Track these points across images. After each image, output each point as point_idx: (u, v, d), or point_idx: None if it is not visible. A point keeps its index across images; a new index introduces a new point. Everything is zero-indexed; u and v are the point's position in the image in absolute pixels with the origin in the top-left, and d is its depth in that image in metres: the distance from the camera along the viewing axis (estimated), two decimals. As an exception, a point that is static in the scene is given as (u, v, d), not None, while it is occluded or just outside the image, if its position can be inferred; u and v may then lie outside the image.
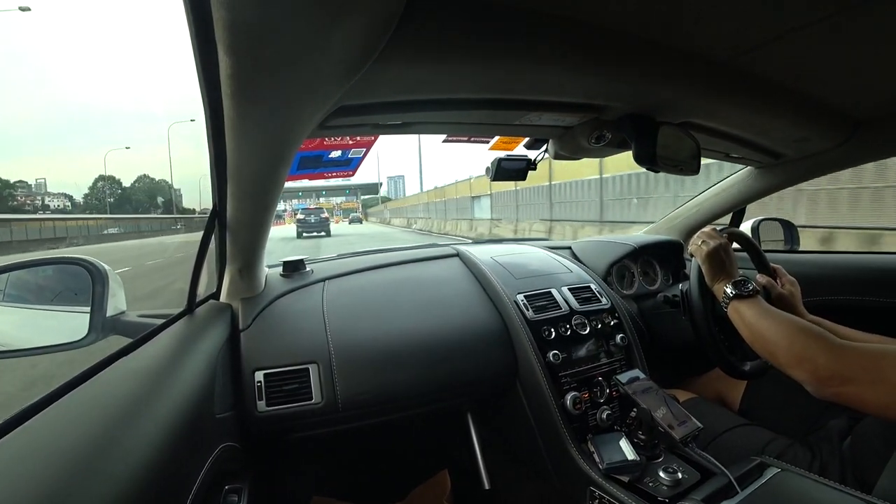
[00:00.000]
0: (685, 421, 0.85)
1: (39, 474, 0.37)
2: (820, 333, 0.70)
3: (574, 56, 0.61)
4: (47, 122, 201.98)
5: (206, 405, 0.69)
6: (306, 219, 19.53)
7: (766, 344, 0.76)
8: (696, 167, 0.91)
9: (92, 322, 0.81)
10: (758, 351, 0.78)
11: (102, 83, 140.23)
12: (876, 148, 1.08)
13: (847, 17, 0.56)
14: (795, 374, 0.70)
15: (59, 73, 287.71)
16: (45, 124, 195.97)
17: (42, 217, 37.98)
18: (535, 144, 1.03)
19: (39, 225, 22.52)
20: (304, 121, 0.59)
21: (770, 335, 0.75)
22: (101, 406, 0.49)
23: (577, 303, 1.13)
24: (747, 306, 0.81)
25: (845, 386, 0.65)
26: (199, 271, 0.83)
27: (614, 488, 0.84)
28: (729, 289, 0.84)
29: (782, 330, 0.74)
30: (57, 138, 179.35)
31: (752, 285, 0.84)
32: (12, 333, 0.94)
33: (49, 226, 22.47)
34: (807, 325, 0.73)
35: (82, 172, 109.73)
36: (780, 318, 0.77)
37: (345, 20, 0.40)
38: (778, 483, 0.72)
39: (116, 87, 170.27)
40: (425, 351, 0.99)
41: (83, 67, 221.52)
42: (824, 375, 0.67)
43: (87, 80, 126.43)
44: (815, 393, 0.69)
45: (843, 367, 0.66)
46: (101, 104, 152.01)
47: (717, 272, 0.88)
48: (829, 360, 0.67)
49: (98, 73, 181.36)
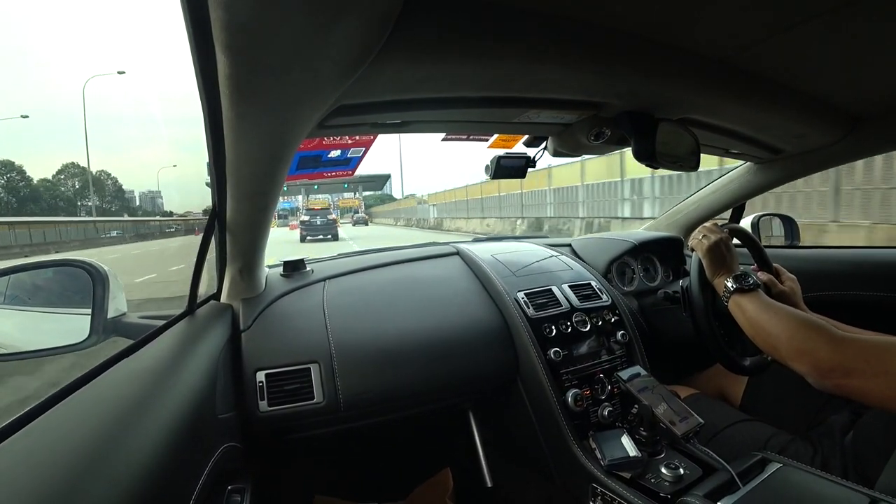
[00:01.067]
0: (686, 417, 0.85)
1: (43, 476, 0.37)
2: (821, 325, 0.70)
3: (572, 53, 0.61)
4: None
5: (208, 406, 0.69)
6: (311, 220, 16.78)
7: (767, 337, 0.76)
8: (695, 163, 0.91)
9: (93, 324, 0.81)
10: (759, 344, 0.78)
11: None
12: (875, 143, 1.08)
13: (844, 14, 0.56)
14: (797, 367, 0.70)
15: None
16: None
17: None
18: (534, 142, 1.03)
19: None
20: (302, 120, 0.59)
21: (771, 328, 0.75)
22: (103, 408, 0.49)
23: (577, 300, 1.13)
24: (748, 300, 0.81)
25: (848, 378, 0.65)
26: (199, 272, 0.83)
27: (616, 485, 0.84)
28: (730, 283, 0.84)
29: (783, 323, 0.74)
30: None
31: (752, 279, 0.84)
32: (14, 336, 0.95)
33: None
34: (808, 318, 0.73)
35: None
36: (780, 311, 0.77)
37: (343, 20, 0.40)
38: (780, 478, 0.72)
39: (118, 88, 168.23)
40: (426, 350, 0.99)
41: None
42: (826, 367, 0.67)
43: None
44: (817, 385, 0.69)
45: (845, 358, 0.65)
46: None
47: (717, 266, 0.89)
48: (830, 351, 0.67)
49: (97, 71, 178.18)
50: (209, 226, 0.84)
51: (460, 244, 1.37)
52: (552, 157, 1.02)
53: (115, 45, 48.71)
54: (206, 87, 0.49)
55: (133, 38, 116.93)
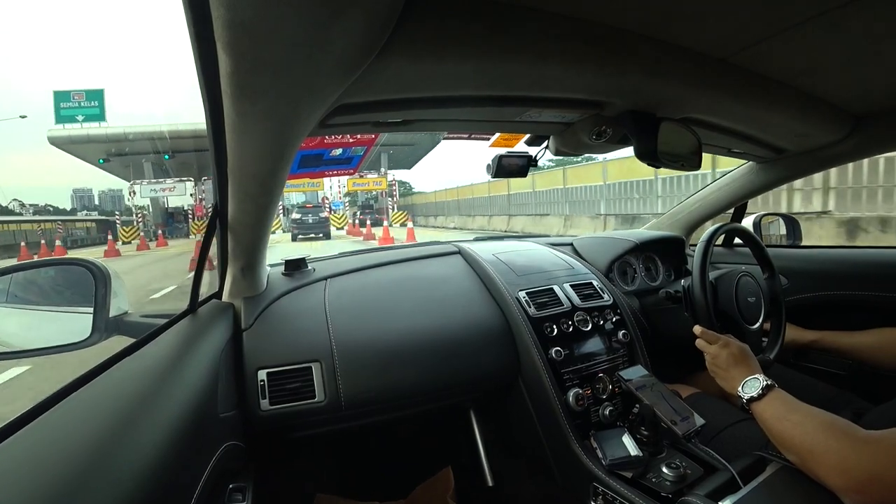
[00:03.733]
0: (688, 416, 0.85)
1: (45, 474, 0.37)
2: (843, 426, 0.64)
3: (575, 53, 0.61)
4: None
5: (210, 404, 0.69)
6: (302, 219, 16.96)
7: (790, 448, 0.70)
8: (697, 162, 0.91)
9: (95, 322, 0.81)
10: (788, 457, 0.72)
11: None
12: (878, 142, 1.08)
13: (847, 13, 0.56)
14: (829, 481, 0.63)
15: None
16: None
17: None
18: (536, 141, 1.02)
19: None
20: (304, 119, 0.59)
21: (791, 440, 0.69)
22: (105, 406, 0.50)
23: (578, 299, 1.13)
24: (762, 408, 0.75)
25: (892, 491, 0.56)
26: (201, 271, 0.84)
27: (617, 484, 0.84)
28: (741, 392, 0.78)
29: (798, 429, 0.68)
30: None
31: (760, 382, 0.77)
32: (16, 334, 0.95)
33: None
34: (828, 419, 0.67)
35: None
36: (796, 414, 0.71)
37: (344, 18, 0.40)
38: (781, 478, 0.72)
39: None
40: (428, 349, 0.99)
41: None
42: (860, 478, 0.59)
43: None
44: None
45: (876, 464, 0.58)
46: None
47: (727, 379, 0.84)
48: (857, 457, 0.60)
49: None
50: (211, 224, 0.84)
51: (461, 243, 1.37)
52: (555, 155, 1.02)
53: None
54: (208, 85, 0.49)
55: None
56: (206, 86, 0.49)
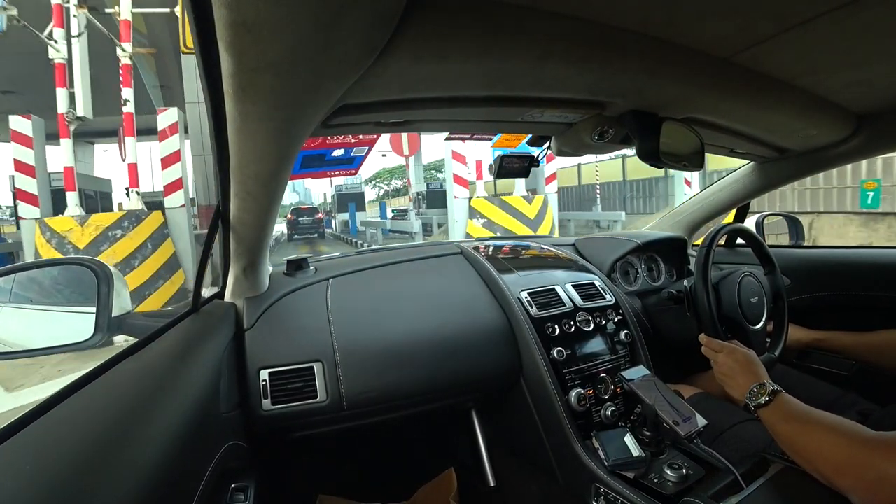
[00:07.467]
0: (690, 417, 0.85)
1: (48, 473, 0.37)
2: (851, 426, 0.64)
3: (577, 53, 0.61)
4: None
5: (212, 404, 0.69)
6: (298, 219, 18.28)
7: (798, 453, 0.70)
8: (699, 162, 0.91)
9: (98, 322, 0.81)
10: (799, 463, 0.71)
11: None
12: (882, 142, 1.07)
13: (850, 12, 0.56)
14: (841, 485, 0.63)
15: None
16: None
17: None
18: (538, 141, 1.02)
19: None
20: (306, 119, 0.59)
21: (800, 444, 0.69)
22: (108, 405, 0.50)
23: (580, 299, 1.13)
24: (770, 414, 0.75)
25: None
26: (203, 271, 0.84)
27: (619, 484, 0.84)
28: (748, 400, 0.79)
29: (808, 436, 0.68)
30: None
31: (767, 388, 0.78)
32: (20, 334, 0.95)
33: None
34: (835, 422, 0.67)
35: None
36: (805, 420, 0.71)
37: (346, 18, 0.40)
38: (783, 479, 0.72)
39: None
40: (429, 349, 0.99)
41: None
42: (870, 478, 0.59)
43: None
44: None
45: (888, 462, 0.58)
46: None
47: (734, 386, 0.85)
48: (867, 455, 0.60)
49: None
50: (213, 224, 0.84)
51: (463, 243, 1.37)
52: (557, 155, 1.02)
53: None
54: (210, 85, 0.49)
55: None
56: (209, 86, 0.50)
